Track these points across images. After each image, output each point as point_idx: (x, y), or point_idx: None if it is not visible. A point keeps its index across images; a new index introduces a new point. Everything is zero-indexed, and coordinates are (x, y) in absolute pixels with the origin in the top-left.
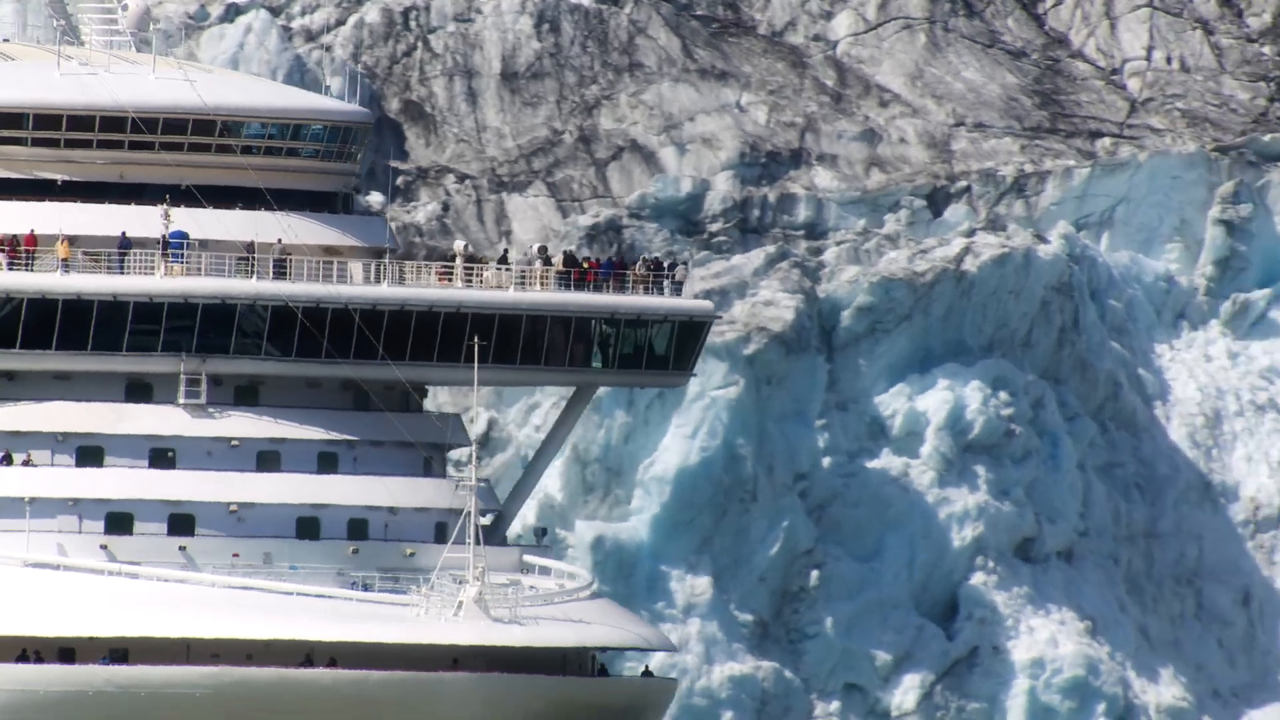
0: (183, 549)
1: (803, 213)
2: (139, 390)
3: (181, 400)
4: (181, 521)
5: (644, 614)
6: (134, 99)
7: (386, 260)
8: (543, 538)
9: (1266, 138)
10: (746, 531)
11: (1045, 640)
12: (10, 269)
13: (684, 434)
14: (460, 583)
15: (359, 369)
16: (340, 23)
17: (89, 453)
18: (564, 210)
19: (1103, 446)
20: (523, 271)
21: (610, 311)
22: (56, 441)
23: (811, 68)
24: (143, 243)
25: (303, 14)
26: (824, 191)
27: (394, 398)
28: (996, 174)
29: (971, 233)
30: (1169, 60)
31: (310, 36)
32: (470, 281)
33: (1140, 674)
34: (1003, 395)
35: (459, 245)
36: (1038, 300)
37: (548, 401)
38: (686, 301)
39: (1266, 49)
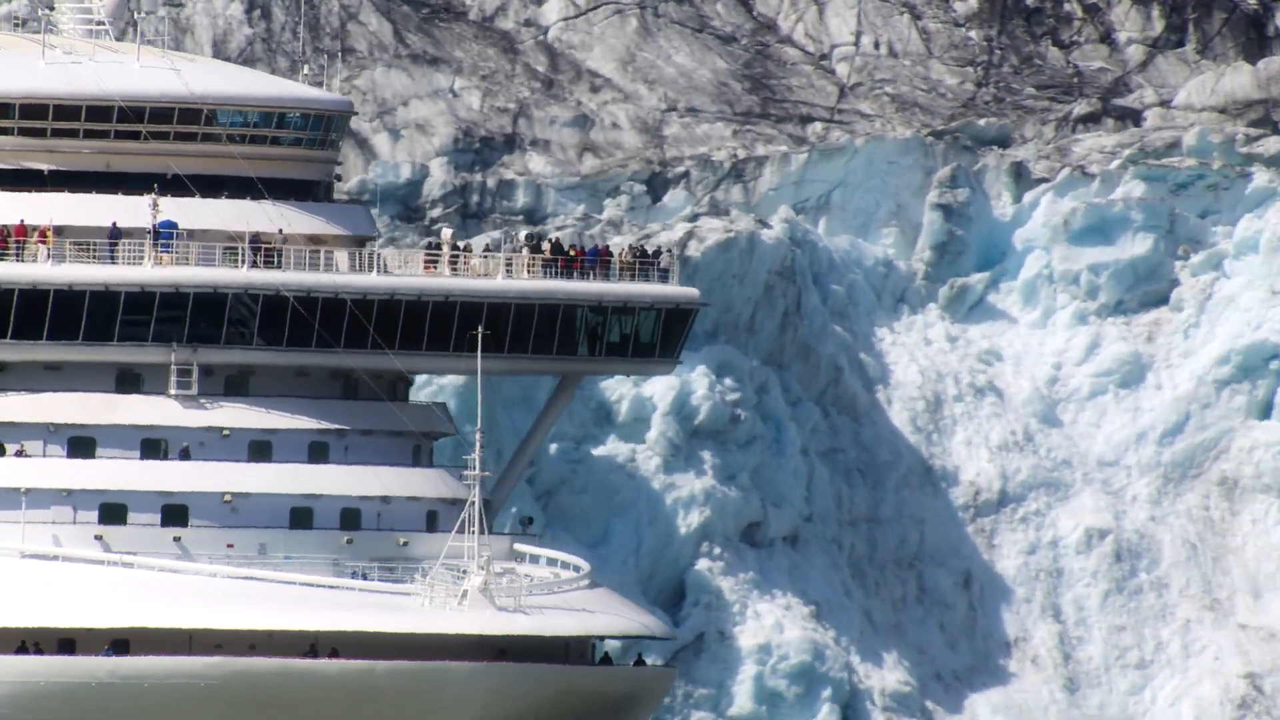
0: (177, 539)
1: (522, 198)
2: (129, 380)
3: (173, 391)
4: (175, 512)
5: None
6: (120, 88)
7: (376, 249)
8: (529, 526)
9: (981, 122)
10: None
11: (771, 625)
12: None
13: None
14: (463, 572)
15: (349, 358)
16: (50, 8)
17: (81, 443)
18: None
19: (825, 431)
20: (509, 259)
21: (598, 299)
22: (48, 432)
23: (523, 53)
24: (130, 232)
25: None
26: (542, 177)
27: (382, 387)
28: (711, 159)
29: (694, 218)
30: (877, 45)
31: (19, 23)
32: (455, 269)
33: (865, 658)
34: (728, 381)
35: (446, 233)
36: (761, 285)
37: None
38: (674, 289)
39: (974, 34)
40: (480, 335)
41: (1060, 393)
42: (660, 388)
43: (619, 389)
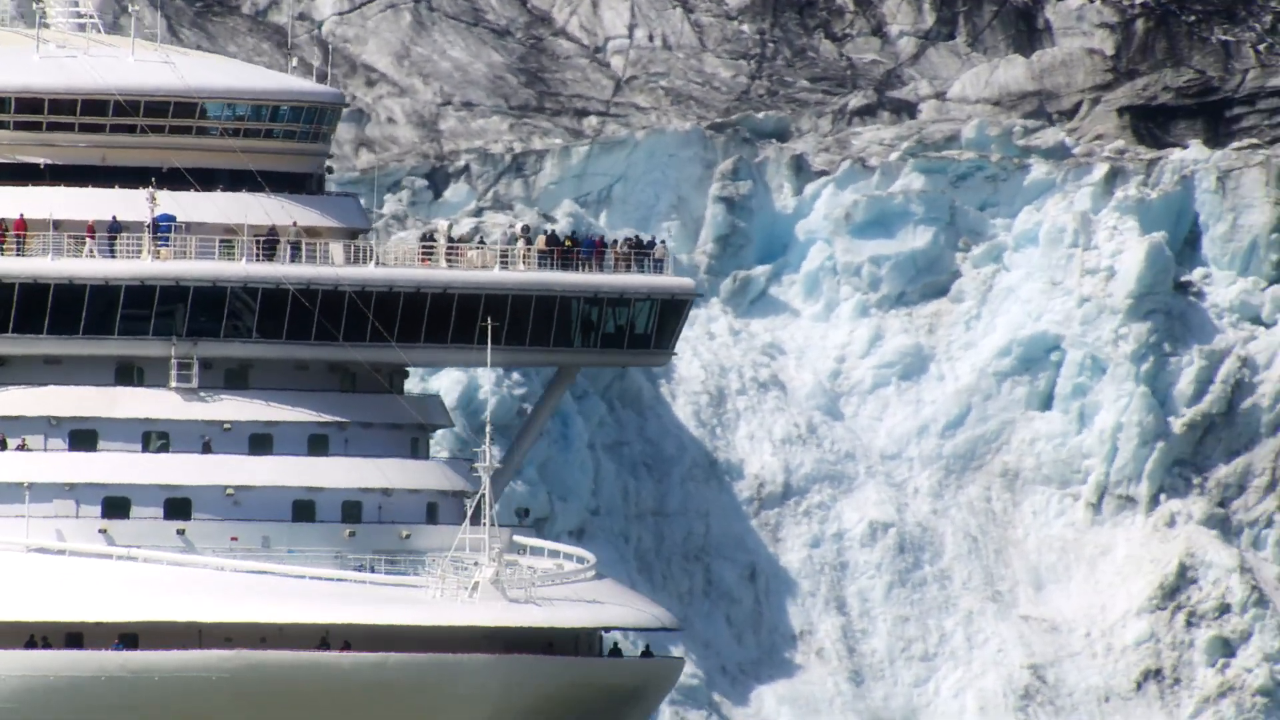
0: (181, 533)
1: None
2: (129, 374)
3: (173, 384)
4: (178, 505)
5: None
6: (115, 82)
7: (374, 241)
8: (525, 518)
9: (760, 115)
10: None
11: None
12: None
13: None
14: (474, 564)
15: (349, 351)
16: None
17: (82, 437)
18: None
19: (611, 425)
20: (505, 251)
21: (594, 290)
22: (50, 426)
23: (297, 47)
24: (126, 226)
25: None
26: None
27: (378, 380)
28: (490, 153)
29: (478, 212)
30: (651, 38)
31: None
32: (452, 262)
33: None
34: (515, 375)
35: (442, 225)
36: None
37: None
38: (669, 280)
39: (746, 27)
40: (489, 327)
41: (843, 386)
42: (447, 382)
43: (406, 385)
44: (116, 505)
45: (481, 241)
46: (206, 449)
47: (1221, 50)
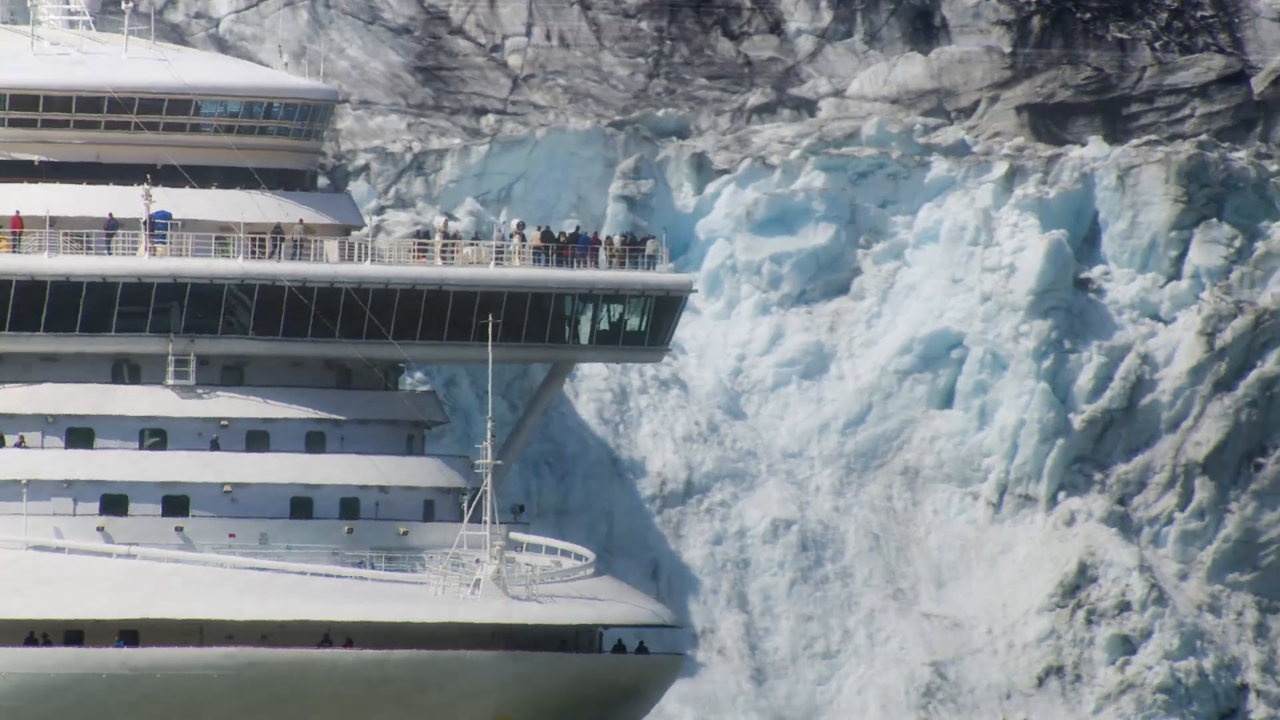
0: (179, 530)
1: None
2: (126, 371)
3: (170, 381)
4: (176, 502)
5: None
6: (110, 79)
7: (369, 238)
8: (520, 514)
9: (660, 113)
10: None
11: None
12: None
13: None
14: (475, 561)
15: (345, 347)
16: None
17: (79, 434)
18: None
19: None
20: (500, 248)
21: (589, 287)
22: (47, 423)
23: (194, 46)
24: (121, 223)
25: None
26: None
27: (373, 376)
28: (390, 151)
29: (380, 210)
30: (549, 37)
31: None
32: (447, 258)
33: None
34: (417, 374)
35: (438, 222)
36: None
37: None
38: (665, 276)
39: (644, 24)
40: (490, 324)
41: (744, 384)
42: None
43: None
44: (114, 502)
45: (477, 238)
46: (215, 446)
47: (1118, 47)
